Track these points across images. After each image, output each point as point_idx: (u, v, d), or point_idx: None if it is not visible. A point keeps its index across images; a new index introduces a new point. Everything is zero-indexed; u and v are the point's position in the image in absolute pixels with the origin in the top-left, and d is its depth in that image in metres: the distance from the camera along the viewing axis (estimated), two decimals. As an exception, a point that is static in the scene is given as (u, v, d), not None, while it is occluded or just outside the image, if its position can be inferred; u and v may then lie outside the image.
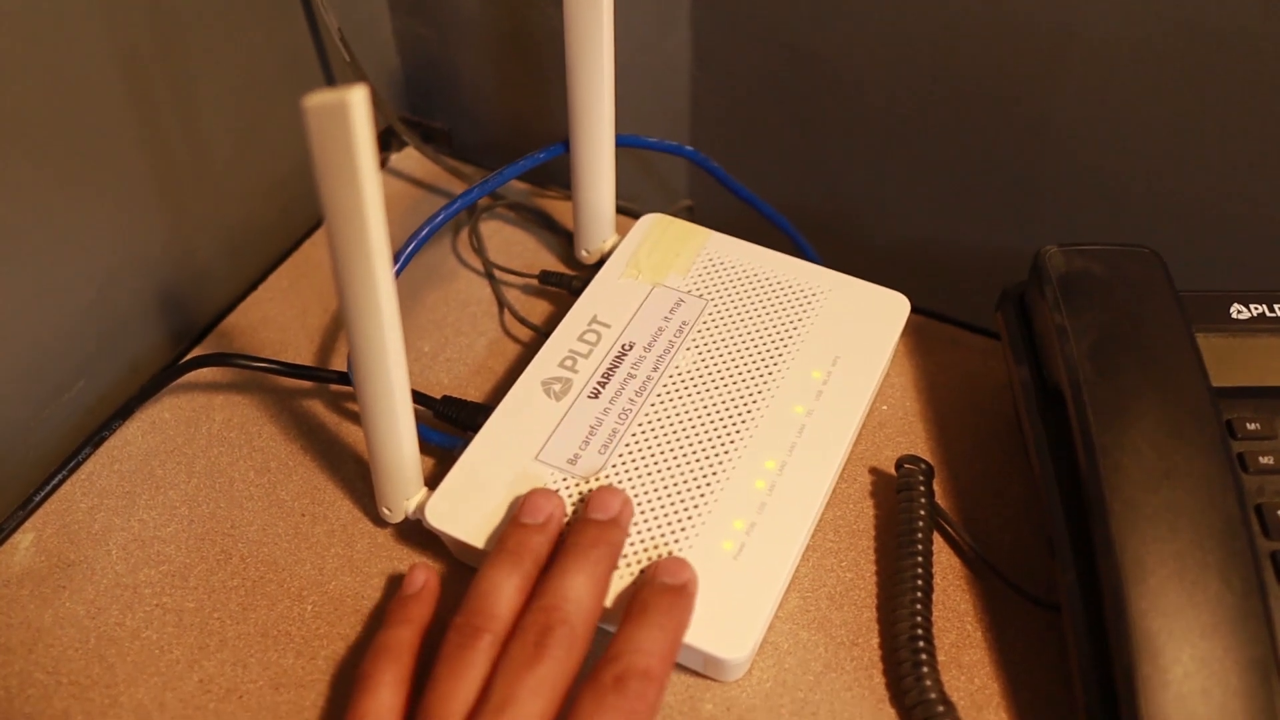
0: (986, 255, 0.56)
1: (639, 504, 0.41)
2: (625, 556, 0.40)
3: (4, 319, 0.45)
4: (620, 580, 0.39)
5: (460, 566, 0.44)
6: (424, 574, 0.41)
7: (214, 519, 0.46)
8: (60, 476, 0.47)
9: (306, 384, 0.50)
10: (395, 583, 0.43)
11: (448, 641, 0.36)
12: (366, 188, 0.31)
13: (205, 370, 0.50)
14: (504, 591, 0.37)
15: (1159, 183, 0.51)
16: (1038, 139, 0.52)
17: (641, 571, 0.39)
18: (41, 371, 0.47)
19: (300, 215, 0.58)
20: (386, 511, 0.43)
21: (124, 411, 0.48)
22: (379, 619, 0.42)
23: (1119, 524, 0.37)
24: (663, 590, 0.37)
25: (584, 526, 0.39)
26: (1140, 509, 0.37)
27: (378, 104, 0.58)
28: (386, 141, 0.62)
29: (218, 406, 0.50)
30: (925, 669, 0.39)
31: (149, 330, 0.52)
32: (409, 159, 0.62)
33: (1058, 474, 0.41)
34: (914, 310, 0.49)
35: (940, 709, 0.38)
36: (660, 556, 0.40)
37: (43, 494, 0.46)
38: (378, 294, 0.34)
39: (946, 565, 0.43)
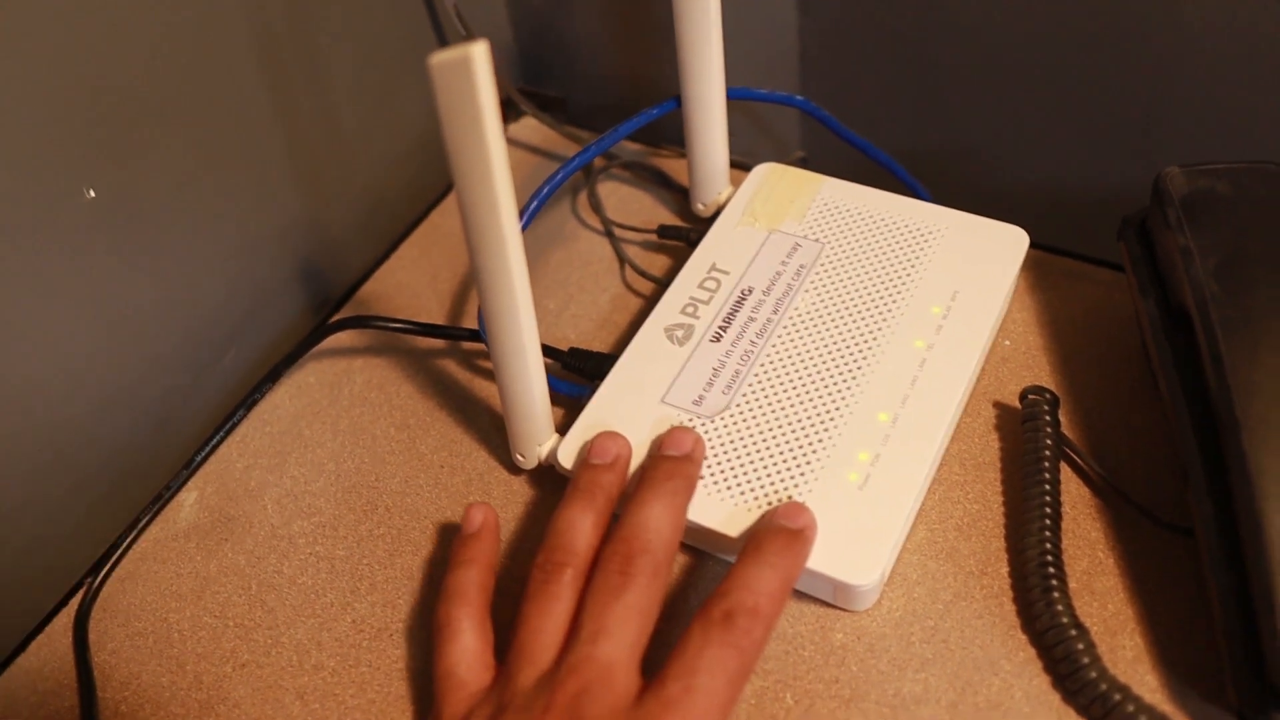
0: (1107, 189, 0.55)
1: (764, 439, 0.42)
2: (754, 492, 0.41)
3: (162, 294, 0.48)
4: (745, 514, 0.40)
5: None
6: (481, 512, 0.42)
7: (359, 473, 0.48)
8: (217, 439, 0.50)
9: (440, 344, 0.53)
10: (531, 525, 0.45)
11: (532, 580, 0.37)
12: (491, 137, 0.33)
13: (344, 336, 0.53)
14: (580, 528, 0.38)
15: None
16: (1159, 69, 0.51)
17: (763, 515, 0.40)
18: (196, 342, 0.50)
19: (427, 186, 0.61)
20: (520, 458, 0.45)
21: (273, 375, 0.51)
22: (519, 559, 0.44)
23: (1251, 438, 0.36)
24: (779, 532, 0.38)
25: (658, 462, 0.40)
26: (1272, 422, 0.36)
27: (495, 76, 0.60)
28: (504, 112, 0.64)
29: (357, 369, 0.52)
30: (1056, 593, 0.39)
31: (290, 300, 0.55)
32: (527, 128, 0.64)
33: (1188, 398, 0.41)
34: (1034, 246, 0.49)
35: (1073, 632, 0.38)
36: (787, 489, 0.41)
37: (202, 455, 0.49)
38: (505, 239, 0.36)
39: (1075, 495, 0.43)
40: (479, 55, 0.32)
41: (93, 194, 0.43)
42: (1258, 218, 0.41)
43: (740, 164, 0.56)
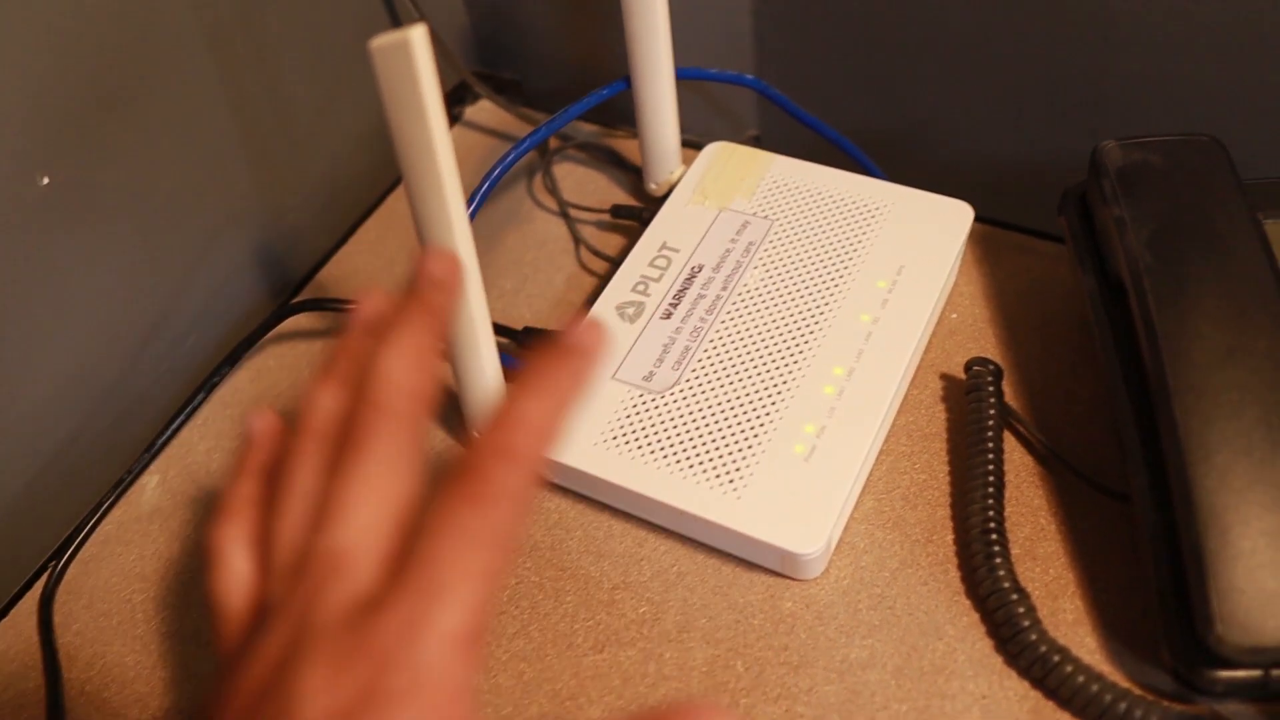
0: (1054, 162, 0.56)
1: (712, 413, 0.43)
2: (702, 465, 0.41)
3: (120, 280, 0.48)
4: (694, 488, 0.41)
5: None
6: (261, 419, 0.33)
7: (319, 454, 0.49)
8: (178, 422, 0.50)
9: (397, 325, 0.53)
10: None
11: (278, 476, 0.30)
12: (433, 120, 0.34)
13: (303, 319, 0.53)
14: (322, 401, 0.30)
15: (1227, 72, 0.50)
16: (1103, 46, 0.51)
17: None
18: (155, 327, 0.51)
19: (383, 172, 0.61)
20: (476, 435, 0.45)
21: (232, 358, 0.52)
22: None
23: (1181, 404, 0.37)
24: (559, 354, 0.28)
25: (402, 299, 0.32)
26: (1203, 389, 0.37)
27: (449, 59, 0.61)
28: (460, 96, 0.64)
29: (316, 352, 0.53)
30: (998, 559, 0.40)
31: (249, 286, 0.55)
32: (483, 111, 0.64)
33: (1124, 367, 0.42)
34: (983, 220, 0.50)
35: (1014, 597, 0.39)
36: (734, 461, 0.41)
37: (164, 438, 0.50)
38: (450, 219, 0.36)
39: (1019, 463, 0.44)
40: (418, 38, 0.32)
41: (46, 180, 0.43)
42: (1191, 188, 0.42)
43: (695, 143, 0.56)
